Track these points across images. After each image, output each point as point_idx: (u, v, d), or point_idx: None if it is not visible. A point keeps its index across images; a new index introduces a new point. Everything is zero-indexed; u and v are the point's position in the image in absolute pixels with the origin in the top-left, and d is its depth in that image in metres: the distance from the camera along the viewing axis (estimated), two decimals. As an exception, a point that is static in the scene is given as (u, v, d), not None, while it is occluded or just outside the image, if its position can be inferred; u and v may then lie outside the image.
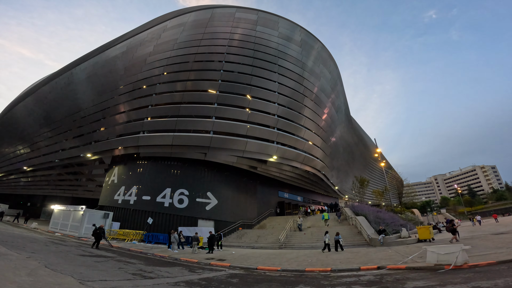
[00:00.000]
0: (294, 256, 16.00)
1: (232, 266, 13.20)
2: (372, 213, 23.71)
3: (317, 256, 15.54)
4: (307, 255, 16.33)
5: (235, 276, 10.31)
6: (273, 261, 14.46)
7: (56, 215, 26.46)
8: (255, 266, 13.10)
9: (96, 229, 15.79)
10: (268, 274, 11.29)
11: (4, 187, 61.13)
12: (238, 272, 11.64)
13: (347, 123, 56.86)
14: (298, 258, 15.10)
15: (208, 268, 12.51)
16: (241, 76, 30.35)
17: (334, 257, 15.04)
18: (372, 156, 75.33)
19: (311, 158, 32.23)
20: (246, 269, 12.59)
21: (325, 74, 40.19)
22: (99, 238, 15.63)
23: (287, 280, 9.80)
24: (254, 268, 12.68)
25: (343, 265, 12.33)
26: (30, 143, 44.17)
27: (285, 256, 16.29)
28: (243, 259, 15.71)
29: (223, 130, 26.40)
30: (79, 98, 37.78)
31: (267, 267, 12.63)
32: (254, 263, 13.93)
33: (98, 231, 15.62)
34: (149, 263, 12.10)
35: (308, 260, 14.41)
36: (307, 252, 17.67)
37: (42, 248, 11.99)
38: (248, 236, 26.17)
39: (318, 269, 11.81)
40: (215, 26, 35.32)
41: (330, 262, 13.29)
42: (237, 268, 12.62)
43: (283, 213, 35.35)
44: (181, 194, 26.25)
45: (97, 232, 15.58)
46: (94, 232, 15.61)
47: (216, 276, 10.10)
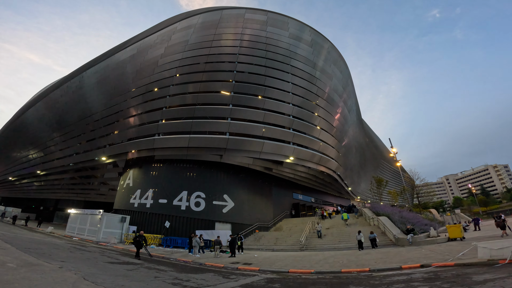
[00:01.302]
0: (321, 258, 15.51)
1: (262, 270, 12.74)
2: (396, 213, 23.11)
3: (346, 257, 15.08)
4: (334, 256, 15.84)
5: (273, 281, 9.88)
6: (301, 264, 14.01)
7: (73, 219, 26.24)
8: (286, 269, 12.66)
9: (136, 236, 14.57)
10: (305, 277, 10.85)
11: (17, 191, 61.66)
12: (272, 276, 11.19)
13: (358, 123, 56.10)
14: (326, 260, 14.62)
15: (238, 273, 12.04)
16: (254, 76, 30.02)
17: (365, 257, 14.59)
18: (383, 156, 74.26)
19: (326, 159, 31.64)
20: (278, 272, 12.13)
21: (336, 74, 39.67)
22: (140, 246, 14.44)
23: (331, 282, 9.42)
24: (286, 271, 12.24)
25: (380, 265, 11.93)
26: (42, 147, 44.36)
27: (311, 258, 15.81)
28: (269, 262, 15.24)
29: (239, 131, 25.99)
30: (91, 102, 37.79)
31: (299, 270, 12.18)
32: (283, 266, 13.50)
33: (138, 239, 14.36)
34: (179, 269, 11.63)
35: (339, 261, 13.93)
36: (332, 254, 17.14)
37: (68, 255, 11.62)
38: (266, 238, 25.67)
39: (355, 270, 11.42)
40: (225, 27, 35.03)
41: (364, 263, 12.86)
42: (268, 272, 12.16)
43: (298, 215, 34.75)
44: (197, 197, 25.86)
45: (137, 239, 14.36)
46: (134, 240, 14.49)
47: (255, 281, 9.67)
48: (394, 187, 67.84)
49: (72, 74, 47.23)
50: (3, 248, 10.21)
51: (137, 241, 14.33)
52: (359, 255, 15.67)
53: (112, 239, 21.89)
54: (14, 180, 55.40)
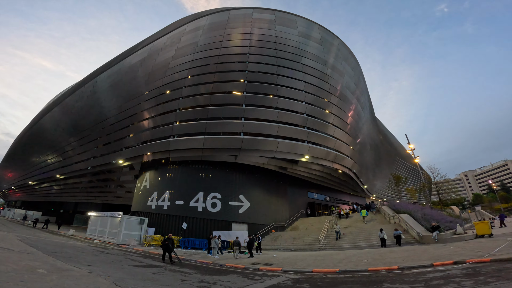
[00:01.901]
0: (343, 257, 15.15)
1: (284, 270, 12.51)
2: (418, 210, 22.50)
3: (370, 256, 14.67)
4: (356, 255, 15.43)
5: (300, 281, 9.69)
6: (324, 263, 13.70)
7: (93, 222, 26.76)
8: (309, 269, 12.40)
9: (165, 240, 13.90)
10: (332, 276, 10.60)
11: (37, 195, 63.74)
12: (297, 276, 10.99)
13: (372, 120, 55.03)
14: (349, 259, 14.27)
15: (261, 274, 11.88)
16: (266, 76, 29.89)
17: (390, 255, 14.16)
18: (398, 153, 72.62)
19: (342, 156, 31.15)
20: (301, 272, 11.90)
21: (348, 71, 39.10)
22: (168, 249, 13.76)
23: (361, 280, 9.20)
24: (309, 271, 11.97)
25: (409, 263, 11.57)
26: (61, 152, 45.57)
27: (332, 257, 15.48)
28: (290, 262, 15.00)
29: (253, 131, 25.85)
30: (106, 106, 38.51)
31: (323, 269, 11.89)
32: (306, 266, 13.23)
33: (166, 242, 13.69)
34: (203, 271, 11.56)
35: (363, 260, 13.58)
36: (354, 253, 16.74)
37: (94, 258, 11.73)
38: (283, 238, 25.45)
39: (383, 268, 11.09)
40: (233, 28, 35.04)
41: (390, 261, 12.50)
42: (292, 272, 11.94)
43: (314, 214, 34.32)
44: (213, 198, 25.88)
45: (165, 243, 13.72)
46: (163, 243, 13.81)
47: (281, 282, 9.51)
48: (411, 184, 66.16)
49: (86, 79, 48.29)
50: (30, 252, 10.35)
51: (165, 245, 13.73)
52: (383, 253, 15.26)
53: (132, 241, 22.15)
54: (34, 184, 57.24)
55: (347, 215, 28.13)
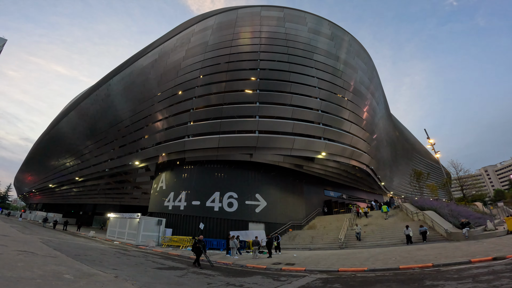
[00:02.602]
0: (367, 255, 14.66)
1: (308, 270, 12.18)
2: (443, 206, 21.61)
3: (397, 254, 14.13)
4: (382, 253, 14.93)
5: (330, 281, 9.35)
6: (349, 262, 13.28)
7: (113, 223, 27.12)
8: (334, 268, 12.02)
9: (196, 242, 12.87)
10: (362, 275, 10.20)
11: (57, 197, 65.64)
12: (324, 276, 10.64)
13: (387, 116, 53.53)
14: (376, 257, 13.79)
15: (285, 274, 11.59)
16: (278, 73, 29.40)
17: (420, 253, 13.60)
18: (415, 149, 70.49)
19: (359, 152, 30.33)
20: (327, 272, 11.53)
21: (361, 66, 38.19)
22: (199, 253, 12.73)
23: (396, 279, 8.83)
24: (335, 270, 11.62)
25: (443, 260, 11.09)
26: (78, 154, 46.62)
27: (356, 256, 15.01)
28: (313, 261, 14.62)
29: (268, 128, 25.42)
30: (120, 108, 39.02)
31: (350, 268, 11.51)
32: (330, 265, 12.82)
33: (198, 245, 12.70)
34: (225, 273, 11.31)
35: (391, 258, 13.09)
36: (378, 251, 16.19)
37: (117, 261, 11.67)
38: (301, 237, 25.02)
39: (416, 266, 10.61)
40: (242, 26, 34.68)
41: (422, 258, 11.98)
42: (316, 272, 11.60)
43: (331, 212, 33.62)
44: (230, 198, 25.68)
45: (196, 246, 12.71)
46: (194, 246, 12.86)
47: (310, 282, 9.18)
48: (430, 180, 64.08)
49: (100, 83, 49.16)
50: (54, 256, 10.34)
51: (197, 248, 12.68)
52: (410, 250, 14.68)
53: (151, 242, 22.25)
54: (54, 187, 58.95)
55: (366, 214, 27.14)
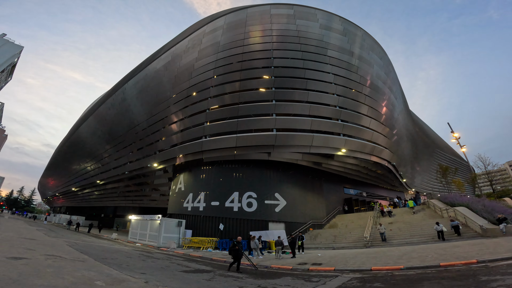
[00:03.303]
0: (399, 253, 13.95)
1: (338, 269, 11.67)
2: (475, 202, 20.50)
3: (432, 251, 13.40)
4: (415, 251, 14.18)
5: (367, 280, 8.88)
6: (381, 260, 12.66)
7: (134, 225, 27.47)
8: (366, 267, 11.46)
9: (234, 244, 11.53)
10: (400, 273, 9.67)
11: (79, 200, 67.83)
12: (358, 275, 10.14)
13: (406, 111, 51.71)
14: (409, 255, 13.12)
15: (315, 274, 11.10)
16: (293, 70, 28.89)
17: (457, 250, 12.86)
18: (436, 145, 67.77)
19: (380, 148, 29.32)
20: (360, 271, 10.99)
21: (376, 61, 37.09)
22: (239, 256, 11.44)
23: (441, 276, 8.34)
24: (368, 269, 11.07)
25: (487, 256, 10.44)
26: (99, 158, 47.82)
27: (386, 254, 14.32)
28: (341, 261, 14.06)
29: (286, 126, 24.98)
30: (136, 111, 39.61)
31: (385, 267, 10.93)
32: (361, 264, 12.26)
33: (237, 247, 11.40)
34: (252, 275, 10.93)
35: (426, 255, 12.43)
36: (410, 249, 15.37)
37: (143, 264, 11.55)
38: (323, 236, 24.42)
39: (459, 263, 9.95)
40: (253, 25, 34.38)
41: (463, 255, 11.33)
42: (348, 271, 11.09)
43: (352, 210, 32.72)
44: (249, 197, 25.39)
45: (235, 248, 11.40)
46: (232, 250, 11.52)
47: (346, 283, 8.74)
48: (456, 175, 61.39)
49: (115, 88, 50.21)
50: (82, 260, 10.32)
51: (235, 250, 11.34)
52: (446, 247, 13.89)
53: (172, 244, 22.29)
54: (76, 190, 60.89)
55: (390, 213, 25.92)
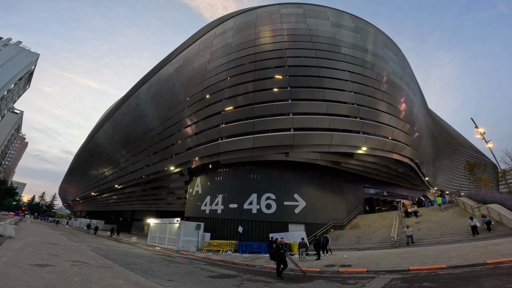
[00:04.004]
0: (435, 253, 13.16)
1: (372, 271, 11.02)
2: (510, 199, 19.28)
3: (470, 249, 12.62)
4: (452, 249, 13.35)
5: (411, 281, 8.37)
6: (418, 260, 11.96)
7: (153, 229, 27.51)
8: (403, 267, 10.81)
9: (279, 248, 10.36)
10: (445, 273, 9.04)
11: (99, 204, 69.37)
12: (397, 276, 9.55)
13: (424, 108, 49.92)
14: (447, 254, 12.38)
15: (348, 276, 10.52)
16: (308, 69, 28.35)
17: (499, 248, 12.11)
18: (457, 142, 65.12)
19: (401, 146, 28.26)
20: (397, 271, 10.35)
21: (391, 57, 36.12)
22: (283, 261, 10.28)
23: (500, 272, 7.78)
24: (406, 269, 10.42)
25: None
26: (116, 163, 48.65)
27: (420, 254, 13.56)
28: (371, 262, 13.35)
29: (303, 125, 24.40)
30: (151, 116, 40.00)
31: (424, 267, 10.28)
32: (395, 265, 11.58)
33: (282, 251, 10.27)
34: (284, 280, 10.37)
35: (466, 254, 11.70)
36: (445, 248, 14.42)
37: (167, 270, 11.22)
38: (345, 237, 23.66)
39: (507, 260, 9.28)
40: (264, 25, 34.08)
41: (508, 252, 10.57)
42: (383, 272, 10.49)
43: (373, 211, 31.58)
44: (268, 199, 24.89)
45: (280, 252, 10.24)
46: (275, 254, 10.34)
47: (388, 284, 8.27)
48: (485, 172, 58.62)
49: (129, 93, 51.06)
50: (107, 266, 10.09)
51: (280, 254, 10.24)
52: (485, 246, 13.04)
53: (192, 247, 22.07)
54: (95, 195, 62.30)
55: (416, 213, 24.58)
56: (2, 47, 70.93)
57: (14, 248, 11.45)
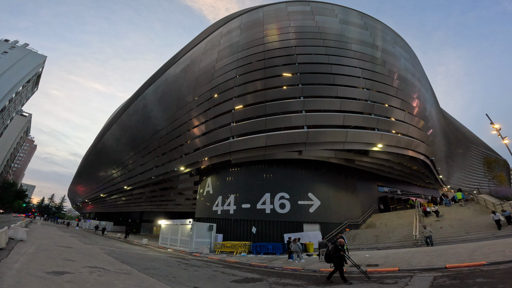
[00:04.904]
0: (465, 250, 12.63)
1: (404, 269, 10.51)
2: None
3: (502, 246, 12.22)
4: (484, 246, 12.91)
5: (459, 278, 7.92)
6: (451, 258, 11.38)
7: (164, 231, 27.14)
8: (438, 265, 10.37)
9: (338, 249, 9.07)
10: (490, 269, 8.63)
11: (107, 206, 69.53)
12: (438, 274, 9.07)
13: (436, 105, 48.87)
14: (480, 250, 11.94)
15: (381, 276, 9.90)
16: (319, 66, 27.85)
17: None
18: (469, 139, 63.79)
19: (417, 143, 27.54)
20: (434, 270, 9.88)
21: (401, 53, 35.49)
22: (340, 264, 9.01)
23: None
24: (442, 267, 10.00)
25: None
26: (124, 165, 48.53)
27: (450, 252, 12.99)
28: (399, 260, 12.79)
29: (316, 123, 23.77)
30: (159, 116, 39.71)
31: (463, 264, 9.81)
32: (428, 263, 11.16)
33: (342, 252, 9.01)
34: (309, 281, 9.85)
35: (503, 250, 11.32)
36: (474, 245, 13.83)
37: (188, 275, 10.68)
38: (362, 236, 23.05)
39: None
40: (271, 23, 33.62)
41: None
42: (418, 271, 10.06)
43: (388, 209, 30.78)
44: (281, 198, 24.31)
45: (339, 255, 8.97)
46: (335, 256, 9.05)
47: (435, 283, 7.80)
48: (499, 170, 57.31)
49: (136, 94, 50.93)
50: (126, 272, 9.56)
51: (340, 256, 8.99)
52: None
53: (205, 249, 21.62)
54: (104, 196, 62.40)
55: (437, 213, 23.28)
56: (9, 49, 71.52)
57: (26, 252, 11.04)
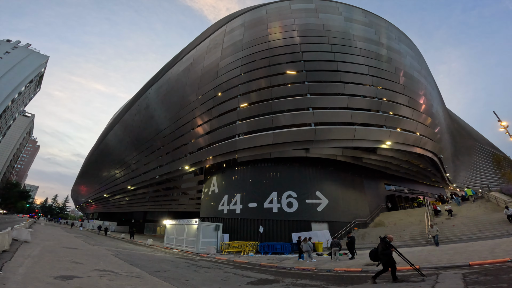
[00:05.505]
0: (483, 248, 12.53)
1: (425, 267, 10.19)
2: None
3: None
4: (501, 243, 12.75)
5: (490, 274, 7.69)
6: (472, 255, 11.22)
7: (169, 231, 26.79)
8: (461, 262, 10.22)
9: (386, 246, 8.38)
10: None
11: (111, 206, 69.34)
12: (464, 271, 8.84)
13: (441, 102, 48.39)
14: (500, 247, 11.91)
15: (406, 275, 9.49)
16: (325, 63, 27.55)
17: None
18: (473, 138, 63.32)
19: (425, 140, 27.19)
20: (457, 267, 9.68)
21: (407, 51, 35.24)
22: (390, 261, 8.34)
23: None
24: (466, 264, 9.85)
25: None
26: (127, 165, 48.26)
27: (468, 249, 12.89)
28: (416, 258, 12.48)
29: (324, 120, 23.42)
30: (162, 116, 39.39)
31: (486, 261, 9.74)
32: (449, 261, 10.98)
33: (392, 249, 8.32)
34: (326, 281, 9.47)
35: None
36: (490, 243, 13.58)
37: (200, 277, 10.23)
38: (371, 235, 22.60)
39: None
40: (275, 21, 33.26)
41: None
42: (440, 268, 9.87)
43: (396, 208, 30.32)
44: (289, 197, 23.93)
45: (388, 252, 8.33)
46: (383, 253, 8.39)
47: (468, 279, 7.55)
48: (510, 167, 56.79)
49: (139, 94, 50.64)
50: (137, 275, 9.14)
51: (389, 254, 8.36)
52: None
53: (212, 249, 21.26)
54: (107, 196, 62.20)
55: (451, 212, 22.15)
56: (12, 49, 71.49)
57: (31, 255, 10.63)
